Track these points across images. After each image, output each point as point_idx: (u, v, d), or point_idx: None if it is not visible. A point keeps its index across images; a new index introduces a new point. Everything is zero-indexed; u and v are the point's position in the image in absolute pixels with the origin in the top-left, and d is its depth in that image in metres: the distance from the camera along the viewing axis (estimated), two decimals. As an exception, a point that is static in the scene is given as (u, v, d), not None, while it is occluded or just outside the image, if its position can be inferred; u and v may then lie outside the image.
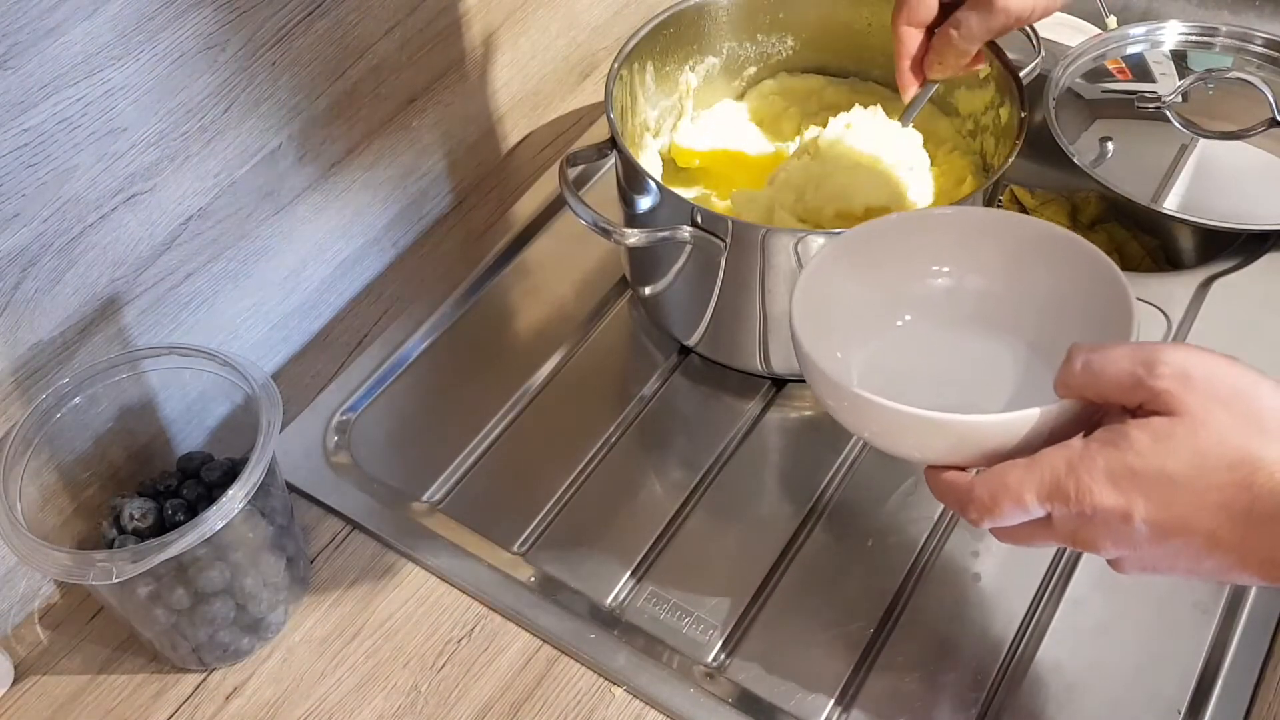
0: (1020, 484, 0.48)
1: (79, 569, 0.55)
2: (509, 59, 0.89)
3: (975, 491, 0.50)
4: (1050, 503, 0.47)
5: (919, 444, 0.53)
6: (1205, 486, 0.45)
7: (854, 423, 0.55)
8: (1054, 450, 0.48)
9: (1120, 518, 0.46)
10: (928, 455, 0.53)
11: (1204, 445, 0.45)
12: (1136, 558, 0.48)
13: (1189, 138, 0.85)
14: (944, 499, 0.53)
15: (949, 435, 0.51)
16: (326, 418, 0.76)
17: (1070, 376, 0.49)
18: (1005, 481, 0.48)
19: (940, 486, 0.53)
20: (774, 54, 0.84)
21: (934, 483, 0.53)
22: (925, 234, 0.62)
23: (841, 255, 0.61)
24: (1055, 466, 0.47)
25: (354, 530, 0.71)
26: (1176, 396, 0.45)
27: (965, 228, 0.62)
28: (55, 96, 0.58)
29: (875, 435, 0.55)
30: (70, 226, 0.61)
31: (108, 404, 0.65)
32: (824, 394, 0.56)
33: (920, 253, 0.62)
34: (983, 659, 0.64)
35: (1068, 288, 0.59)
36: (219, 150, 0.68)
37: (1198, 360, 0.46)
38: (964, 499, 0.50)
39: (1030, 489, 0.48)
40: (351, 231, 0.81)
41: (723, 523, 0.70)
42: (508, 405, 0.76)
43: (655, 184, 0.69)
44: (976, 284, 0.62)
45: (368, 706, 0.63)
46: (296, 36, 0.70)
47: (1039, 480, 0.47)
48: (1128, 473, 0.46)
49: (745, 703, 0.62)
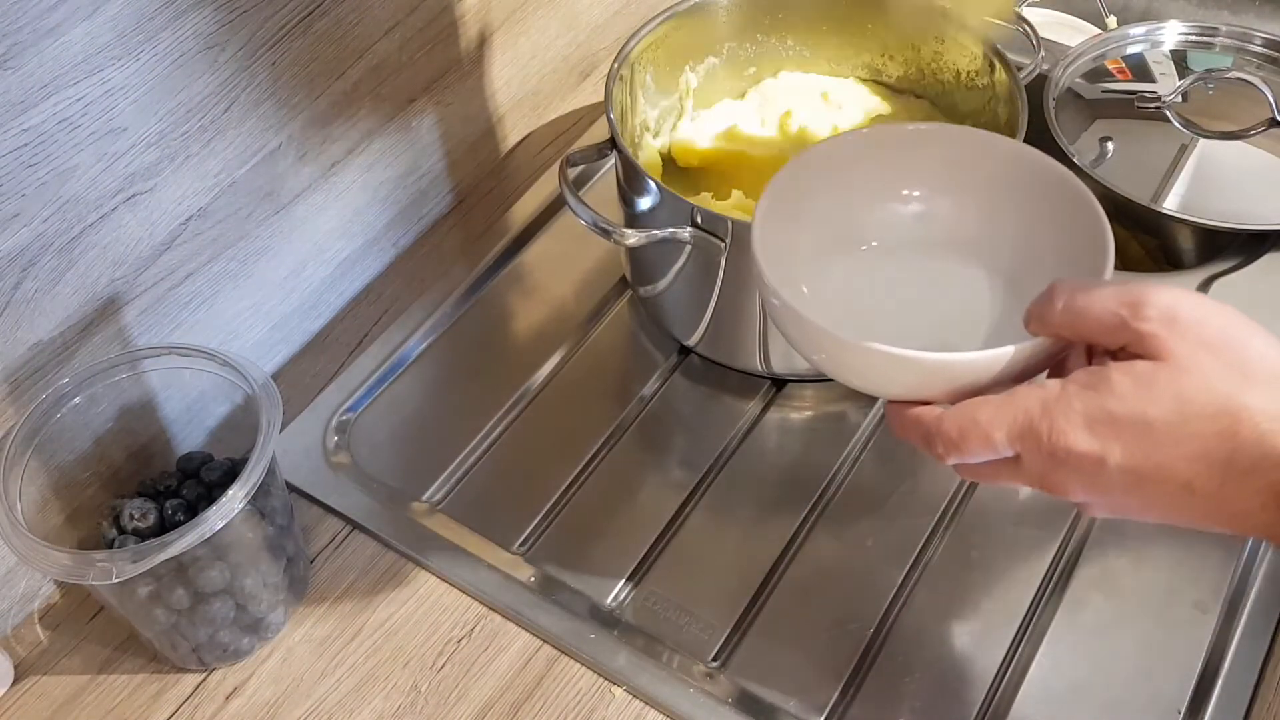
0: (991, 422, 0.46)
1: (79, 569, 0.55)
2: (509, 59, 0.89)
3: (943, 425, 0.48)
4: (1021, 443, 0.46)
5: (885, 380, 0.51)
6: (1185, 434, 0.43)
7: (818, 358, 0.53)
8: (1029, 389, 0.46)
9: (1094, 463, 0.44)
10: (893, 391, 0.52)
11: (1187, 392, 0.43)
12: (1106, 503, 0.46)
13: (1189, 138, 0.85)
14: (907, 435, 0.51)
15: (917, 372, 0.49)
16: (326, 418, 0.76)
17: (1049, 314, 0.47)
18: (975, 418, 0.47)
19: (905, 421, 0.50)
20: (775, 53, 0.84)
21: (898, 418, 0.51)
22: (895, 151, 0.60)
23: (806, 172, 0.59)
24: (1029, 407, 0.45)
25: (354, 530, 0.71)
26: (1162, 340, 0.44)
27: (938, 146, 0.60)
28: (55, 96, 0.58)
29: (838, 370, 0.53)
30: (70, 226, 0.61)
31: (108, 404, 0.65)
32: (786, 327, 0.53)
33: (890, 172, 0.60)
34: (983, 658, 0.64)
35: (1044, 216, 0.56)
36: (219, 150, 0.68)
37: (1186, 303, 0.44)
38: (930, 434, 0.49)
39: (1001, 427, 0.46)
40: (351, 231, 0.81)
41: (723, 523, 0.70)
42: (508, 405, 0.77)
43: (655, 184, 0.69)
44: (948, 209, 0.59)
45: (367, 706, 0.63)
46: (296, 37, 0.70)
47: (1011, 419, 0.46)
48: (1106, 417, 0.44)
49: (745, 702, 0.62)
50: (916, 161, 0.59)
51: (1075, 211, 0.55)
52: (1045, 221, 0.56)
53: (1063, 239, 0.55)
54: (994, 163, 0.58)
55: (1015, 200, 0.58)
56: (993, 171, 0.58)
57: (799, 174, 0.58)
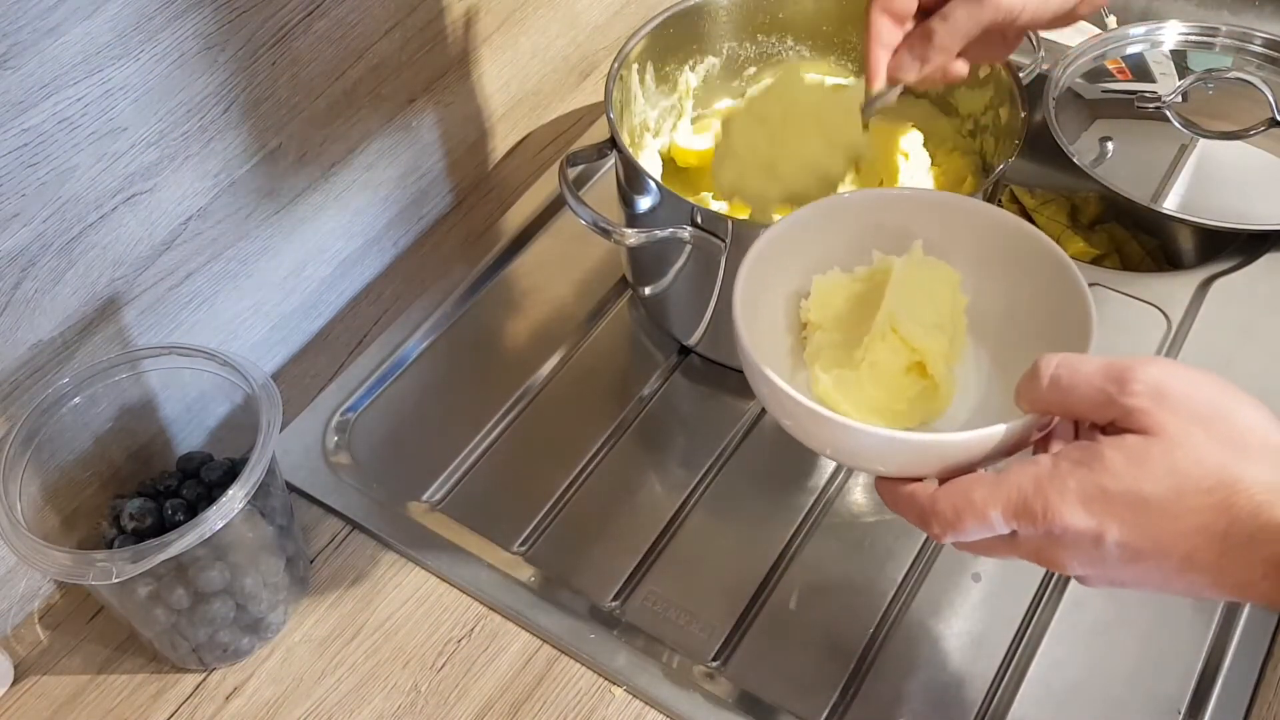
0: (985, 501, 0.46)
1: (79, 569, 0.55)
2: (509, 59, 0.89)
3: (938, 505, 0.48)
4: (1016, 520, 0.46)
5: (876, 459, 0.52)
6: (1182, 509, 0.43)
7: (806, 437, 0.52)
8: (1021, 467, 0.46)
9: (1091, 540, 0.44)
10: (885, 470, 0.52)
11: (1181, 466, 0.43)
12: (1104, 575, 0.46)
13: (1189, 138, 0.85)
14: (901, 511, 0.51)
15: (909, 453, 0.50)
16: (326, 418, 0.76)
17: (1036, 391, 0.47)
18: (970, 497, 0.47)
19: (898, 499, 0.51)
20: (774, 54, 0.84)
21: (890, 495, 0.51)
22: (873, 217, 0.59)
23: (785, 240, 0.58)
24: (1022, 485, 0.45)
25: (354, 530, 0.71)
26: (1151, 415, 0.44)
27: (919, 213, 0.59)
28: (55, 96, 0.58)
29: (830, 450, 0.53)
30: (70, 226, 0.61)
31: (108, 404, 0.65)
32: (773, 406, 0.53)
33: (867, 240, 0.59)
34: (983, 659, 0.64)
35: (1026, 286, 0.56)
36: (219, 150, 0.68)
37: (1173, 376, 0.45)
38: (925, 513, 0.49)
39: (996, 506, 0.46)
40: (351, 231, 0.81)
41: (723, 523, 0.70)
42: (508, 405, 0.76)
43: (655, 184, 0.69)
44: None
45: (367, 706, 0.63)
46: (296, 37, 0.69)
47: (1005, 498, 0.46)
48: (1100, 494, 0.44)
49: (745, 703, 0.62)
50: (896, 229, 0.59)
51: (1057, 281, 0.55)
52: (1027, 291, 0.56)
53: (1045, 308, 0.55)
54: (975, 231, 0.58)
55: (997, 269, 0.58)
56: (974, 240, 0.58)
57: (776, 243, 0.57)
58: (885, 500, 0.52)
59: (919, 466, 0.50)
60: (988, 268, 0.58)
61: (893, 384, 0.56)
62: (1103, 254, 0.90)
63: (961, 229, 0.58)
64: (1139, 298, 0.79)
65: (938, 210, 0.59)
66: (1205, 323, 0.78)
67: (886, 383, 0.56)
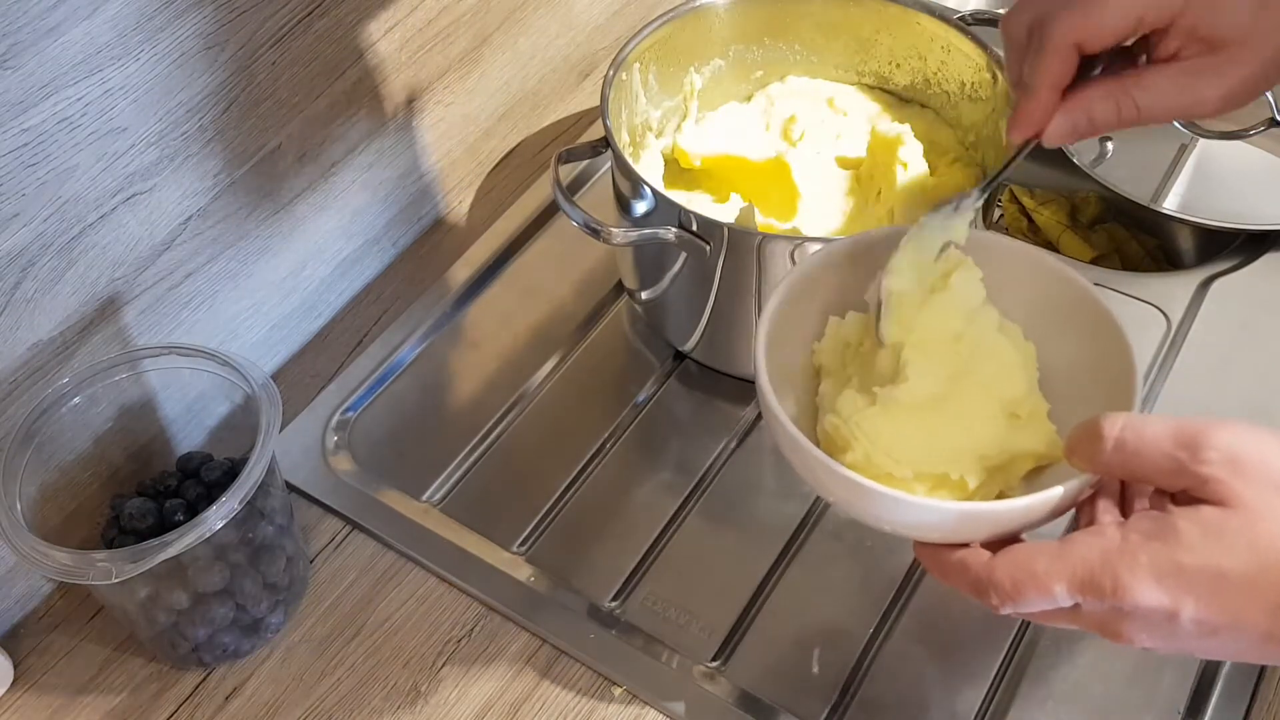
0: (1049, 574, 0.44)
1: (78, 569, 0.55)
2: (508, 59, 0.89)
3: (996, 576, 0.45)
4: (1082, 594, 0.43)
5: (919, 527, 0.49)
6: (1264, 584, 0.41)
7: (844, 505, 0.50)
8: (1087, 538, 0.44)
9: (1165, 616, 0.42)
10: (929, 537, 0.49)
11: (1263, 540, 0.41)
12: (1175, 647, 0.44)
13: (1189, 137, 0.85)
14: (950, 581, 0.48)
15: (956, 520, 0.47)
16: (326, 418, 0.76)
17: (1099, 454, 0.45)
18: (1032, 569, 0.44)
19: (946, 567, 0.48)
20: (782, 58, 0.84)
21: (935, 562, 0.48)
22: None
23: (805, 283, 0.55)
24: (1088, 558, 0.43)
25: (353, 530, 0.71)
26: (1227, 485, 0.42)
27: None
28: (55, 96, 0.58)
29: (869, 518, 0.50)
30: (70, 226, 0.61)
31: (107, 404, 0.65)
32: (805, 472, 0.50)
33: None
34: (983, 659, 0.64)
35: (1063, 332, 0.54)
36: (218, 150, 0.68)
37: (1248, 442, 0.42)
38: (981, 583, 0.46)
39: (1060, 579, 0.43)
40: (351, 231, 0.81)
41: (721, 523, 0.70)
42: (507, 405, 0.76)
43: (648, 186, 0.69)
44: None
45: (367, 706, 0.63)
46: (296, 36, 0.69)
47: (1070, 571, 0.43)
48: (1175, 570, 0.42)
49: (745, 703, 0.62)
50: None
51: (1097, 329, 0.53)
52: (1063, 337, 0.54)
53: (1085, 359, 0.53)
54: (1010, 273, 0.55)
55: (1031, 313, 0.55)
56: (1008, 282, 0.55)
57: (797, 288, 0.55)
58: (928, 566, 0.49)
59: (965, 532, 0.48)
60: (1023, 310, 0.55)
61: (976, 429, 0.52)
62: (1102, 254, 0.90)
63: (998, 272, 0.54)
64: (1139, 298, 0.79)
65: (973, 251, 0.54)
66: (1205, 323, 0.77)
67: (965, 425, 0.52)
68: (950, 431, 0.51)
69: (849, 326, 0.56)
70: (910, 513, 0.48)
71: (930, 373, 0.51)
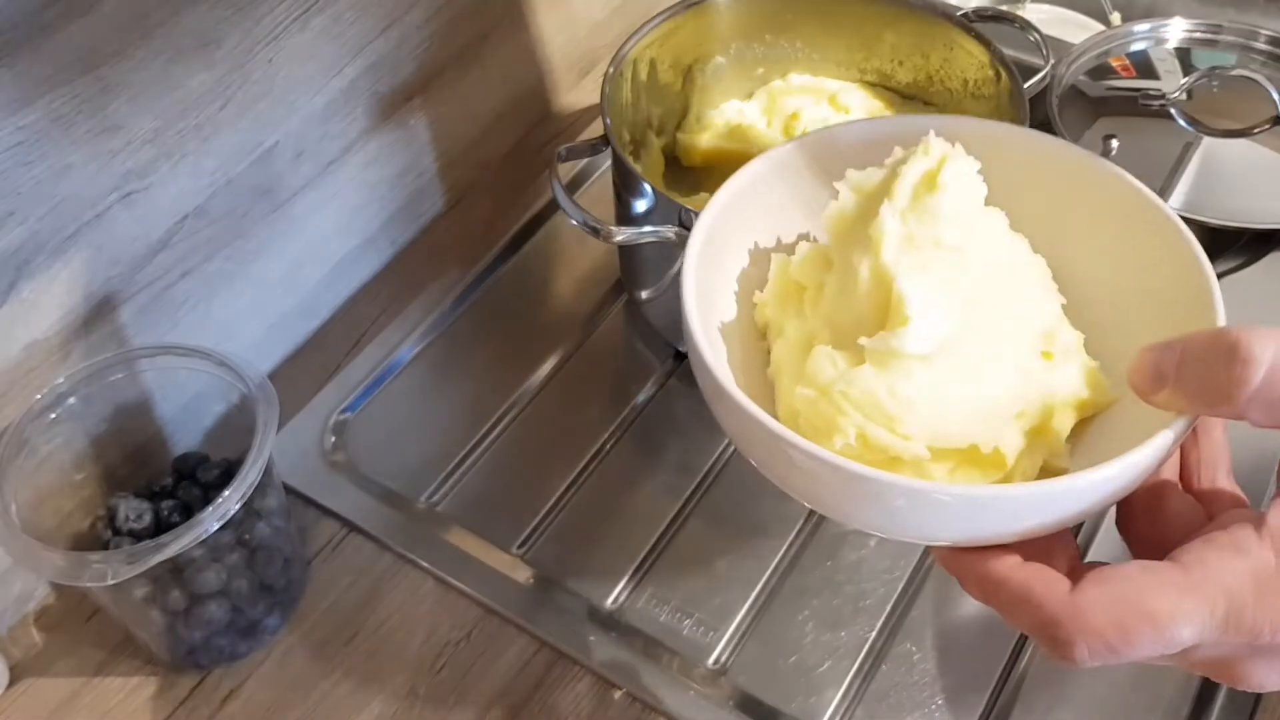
0: (1176, 614, 0.32)
1: (74, 570, 0.55)
2: (507, 56, 0.89)
3: (1089, 619, 0.32)
4: (1223, 635, 0.32)
5: (934, 525, 0.35)
6: None
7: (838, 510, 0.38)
8: (1223, 559, 0.32)
9: None
10: (943, 538, 0.36)
11: None
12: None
13: (1194, 136, 0.85)
14: (1009, 615, 0.34)
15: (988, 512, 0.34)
16: (324, 418, 0.75)
17: (1239, 385, 0.32)
18: (1148, 608, 0.32)
19: (1003, 595, 0.34)
20: (784, 55, 0.83)
21: (989, 586, 0.35)
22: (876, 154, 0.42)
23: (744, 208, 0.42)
24: (1233, 589, 0.32)
25: (351, 531, 0.70)
26: None
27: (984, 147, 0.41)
28: (50, 94, 0.57)
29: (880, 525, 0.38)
30: (65, 225, 0.61)
31: (103, 404, 0.64)
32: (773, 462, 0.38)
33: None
34: (986, 659, 0.63)
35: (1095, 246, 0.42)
36: (215, 148, 0.67)
37: None
38: (1062, 628, 0.33)
39: (1193, 620, 0.32)
40: (349, 230, 0.81)
41: (722, 524, 0.70)
42: (506, 406, 0.76)
43: (647, 184, 0.68)
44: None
45: (365, 709, 0.63)
46: (293, 33, 0.69)
47: (1210, 608, 0.32)
48: None
49: (747, 705, 0.62)
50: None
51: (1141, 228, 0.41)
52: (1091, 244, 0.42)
53: (1123, 267, 0.41)
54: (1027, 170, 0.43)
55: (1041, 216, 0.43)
56: (1027, 184, 0.43)
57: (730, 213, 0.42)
58: (974, 588, 0.36)
59: (995, 528, 0.34)
60: (1051, 221, 0.42)
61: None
62: (1106, 253, 0.89)
63: (1007, 168, 0.42)
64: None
65: (975, 143, 0.41)
66: (1209, 322, 0.77)
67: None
68: (976, 386, 0.37)
69: (802, 265, 0.42)
70: (947, 513, 0.34)
71: (938, 306, 0.37)
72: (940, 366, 0.37)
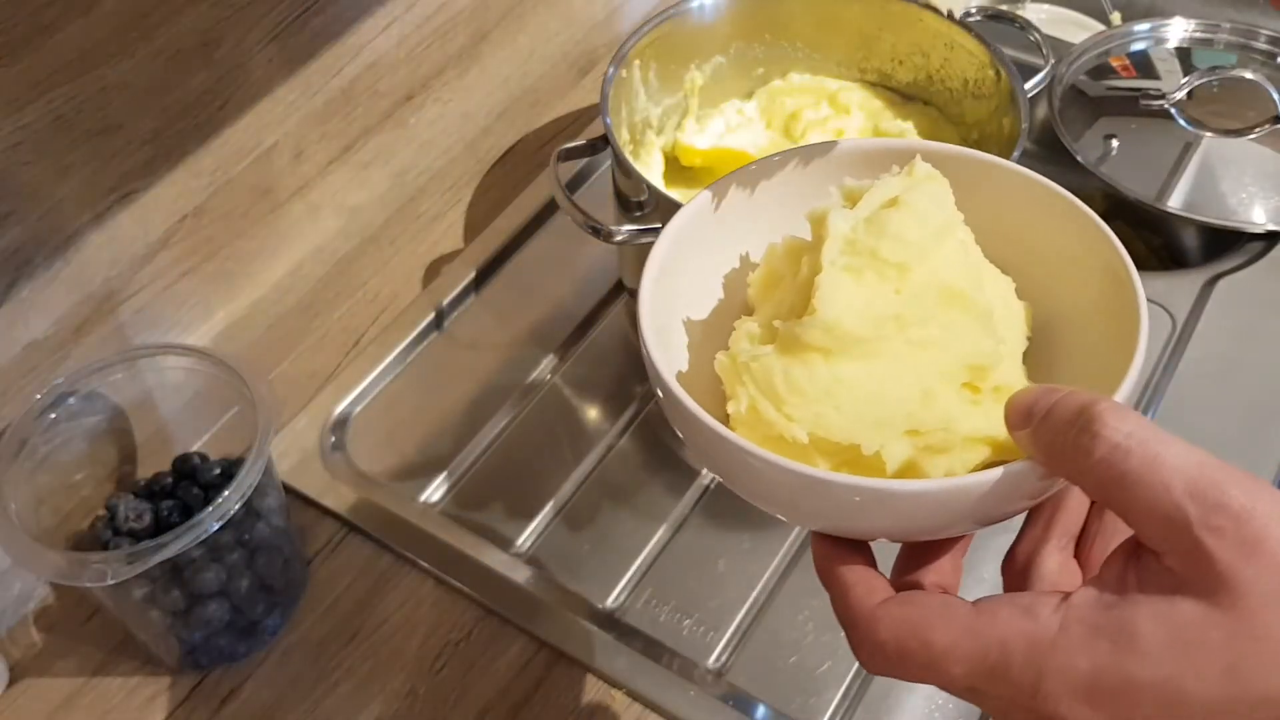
0: (950, 652, 0.33)
1: (73, 570, 0.55)
2: (507, 56, 0.89)
3: (878, 631, 0.35)
4: (989, 685, 0.33)
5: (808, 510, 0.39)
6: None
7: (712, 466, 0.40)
8: (1011, 614, 0.33)
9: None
10: (815, 524, 0.40)
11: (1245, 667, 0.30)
12: None
13: (1194, 135, 0.85)
14: (833, 604, 0.37)
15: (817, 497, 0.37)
16: (323, 418, 0.75)
17: (1083, 456, 0.32)
18: (928, 638, 0.34)
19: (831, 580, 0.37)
20: (784, 55, 0.83)
21: (825, 567, 0.38)
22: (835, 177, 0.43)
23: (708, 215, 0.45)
24: (1008, 643, 0.32)
25: (351, 532, 0.70)
26: (1232, 573, 0.30)
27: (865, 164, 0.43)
28: (50, 94, 0.57)
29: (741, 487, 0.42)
30: (65, 225, 0.61)
31: (103, 404, 0.64)
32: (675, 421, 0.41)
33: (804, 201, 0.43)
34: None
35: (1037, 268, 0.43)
36: (214, 148, 0.67)
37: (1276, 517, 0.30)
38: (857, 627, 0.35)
39: (963, 663, 0.33)
40: (349, 230, 0.81)
41: (723, 525, 0.70)
42: (506, 405, 0.76)
43: (646, 184, 0.68)
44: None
45: (365, 710, 0.63)
46: (293, 33, 0.69)
47: (980, 656, 0.33)
48: (1120, 685, 0.31)
49: (747, 706, 0.62)
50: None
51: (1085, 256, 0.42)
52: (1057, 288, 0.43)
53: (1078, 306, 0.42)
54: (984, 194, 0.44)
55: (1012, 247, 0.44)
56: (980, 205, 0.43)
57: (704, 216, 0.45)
58: (816, 567, 0.39)
59: (861, 519, 0.37)
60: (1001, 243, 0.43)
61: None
62: (1106, 253, 0.89)
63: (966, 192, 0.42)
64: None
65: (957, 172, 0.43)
66: (1210, 322, 0.77)
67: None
68: (875, 392, 0.38)
69: (782, 255, 0.44)
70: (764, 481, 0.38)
71: (850, 308, 0.38)
72: (844, 365, 0.39)
